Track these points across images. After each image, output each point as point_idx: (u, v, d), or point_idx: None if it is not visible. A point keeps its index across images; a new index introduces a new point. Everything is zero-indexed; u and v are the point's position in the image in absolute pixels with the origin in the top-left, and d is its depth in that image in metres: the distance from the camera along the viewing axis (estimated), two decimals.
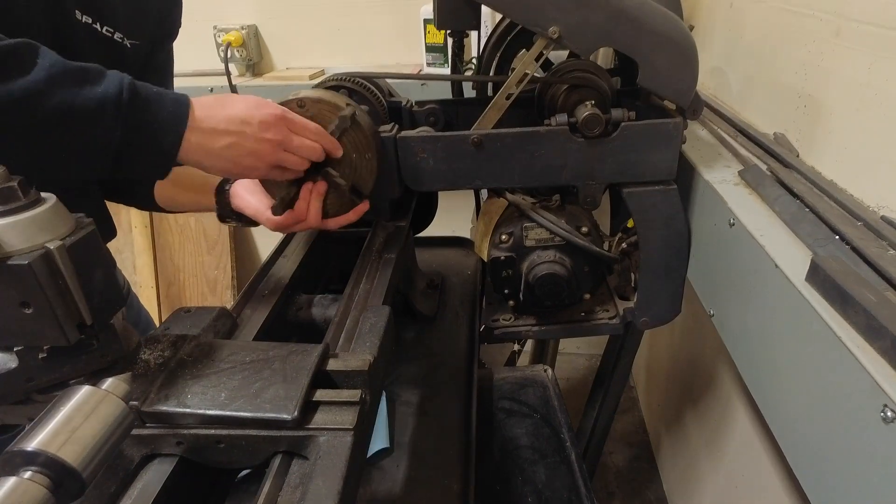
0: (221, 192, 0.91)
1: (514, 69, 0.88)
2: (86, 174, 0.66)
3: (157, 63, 0.94)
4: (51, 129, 0.59)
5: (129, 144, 0.63)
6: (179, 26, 0.96)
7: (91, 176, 0.68)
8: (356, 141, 0.81)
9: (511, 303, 1.08)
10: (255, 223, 0.89)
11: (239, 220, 0.92)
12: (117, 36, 0.81)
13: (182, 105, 0.66)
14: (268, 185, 0.84)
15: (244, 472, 0.59)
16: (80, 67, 0.61)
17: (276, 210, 0.83)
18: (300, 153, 0.74)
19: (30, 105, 0.57)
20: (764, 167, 0.90)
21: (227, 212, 0.92)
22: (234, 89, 1.74)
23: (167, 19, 0.93)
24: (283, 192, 0.82)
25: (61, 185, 0.59)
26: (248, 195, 0.87)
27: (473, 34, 1.20)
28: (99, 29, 0.78)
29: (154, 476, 0.52)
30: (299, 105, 0.79)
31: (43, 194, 0.46)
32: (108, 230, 0.96)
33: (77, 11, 0.75)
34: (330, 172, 0.81)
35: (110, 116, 0.61)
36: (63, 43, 0.72)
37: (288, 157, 0.74)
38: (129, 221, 2.17)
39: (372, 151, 0.82)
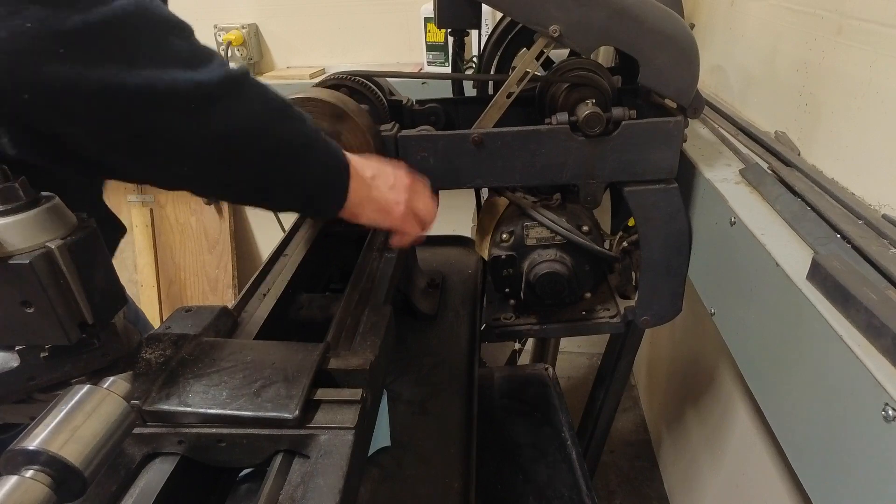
0: None
1: (514, 68, 0.88)
2: (276, 208, 0.68)
3: None
4: (263, 162, 0.59)
5: (322, 180, 0.65)
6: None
7: (277, 210, 0.69)
8: (323, 113, 0.82)
9: (512, 301, 1.08)
10: None
11: None
12: None
13: (339, 149, 0.68)
14: None
15: (245, 471, 0.59)
16: (285, 102, 0.61)
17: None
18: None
19: (253, 136, 0.57)
20: (765, 166, 0.90)
21: None
22: None
23: None
24: None
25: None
26: None
27: (474, 33, 1.20)
28: None
29: (155, 475, 0.52)
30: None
31: (44, 194, 0.46)
32: (118, 228, 0.96)
33: None
34: None
35: (313, 156, 0.63)
36: None
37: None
38: (130, 221, 2.18)
39: (347, 112, 0.83)
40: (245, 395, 0.52)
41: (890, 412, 0.48)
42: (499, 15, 1.11)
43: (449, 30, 1.07)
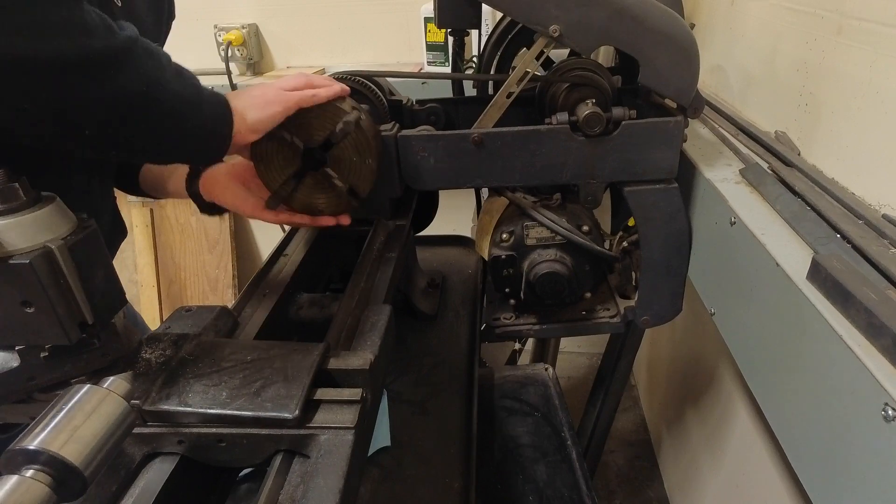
0: (192, 183, 0.90)
1: (514, 68, 0.88)
2: (165, 160, 0.75)
3: (162, 45, 0.97)
4: (158, 120, 0.64)
5: (211, 127, 0.69)
6: (174, 15, 0.99)
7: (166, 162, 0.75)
8: (357, 144, 0.81)
9: (512, 301, 1.08)
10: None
11: (217, 212, 0.92)
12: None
13: (218, 96, 0.71)
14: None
15: (245, 471, 0.59)
16: (169, 60, 0.66)
17: (270, 203, 0.83)
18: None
19: (150, 95, 0.61)
20: (765, 165, 0.90)
21: (202, 203, 0.91)
22: (234, 88, 1.75)
23: (170, 4, 0.96)
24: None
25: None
26: (225, 188, 0.87)
27: (474, 33, 1.20)
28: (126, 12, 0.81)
29: (155, 475, 0.52)
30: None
31: (44, 194, 0.46)
32: (122, 230, 0.97)
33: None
34: (329, 173, 0.82)
35: (201, 107, 0.67)
36: None
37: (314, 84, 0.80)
38: (130, 221, 2.17)
39: (373, 156, 0.82)
40: (245, 395, 0.52)
41: (890, 412, 0.48)
42: (499, 15, 1.11)
43: (449, 30, 1.07)
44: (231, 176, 0.87)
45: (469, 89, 1.26)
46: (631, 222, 1.02)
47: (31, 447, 0.38)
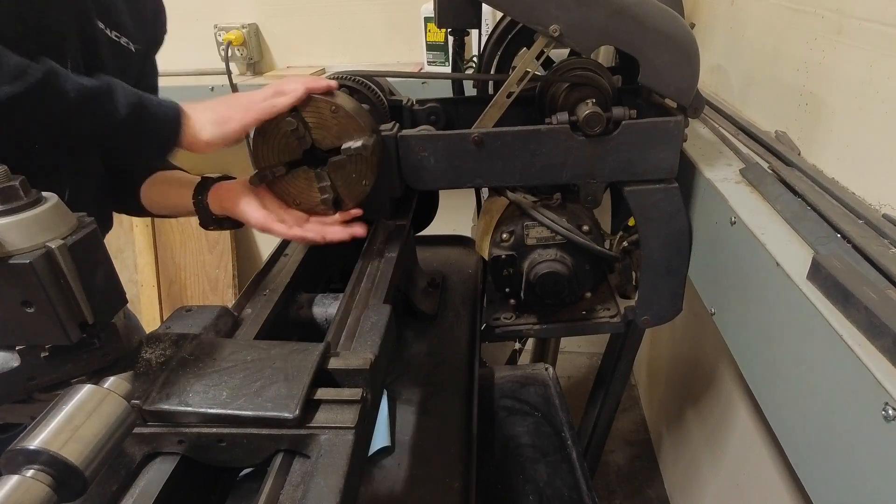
0: (200, 193, 0.90)
1: (514, 67, 0.88)
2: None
3: (151, 64, 1.00)
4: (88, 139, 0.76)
5: (157, 137, 0.78)
6: (166, 31, 1.00)
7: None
8: (362, 166, 0.82)
9: (512, 301, 1.08)
10: (237, 225, 0.90)
11: (220, 226, 0.91)
12: (123, 41, 0.86)
13: (167, 110, 0.78)
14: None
15: (245, 471, 0.59)
16: (91, 89, 0.72)
17: (254, 180, 0.83)
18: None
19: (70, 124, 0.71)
20: (765, 165, 0.90)
21: (207, 216, 0.91)
22: (234, 88, 1.75)
23: (158, 23, 0.98)
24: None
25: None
26: (239, 198, 0.86)
27: (474, 32, 1.20)
28: (112, 36, 0.83)
29: (156, 475, 0.52)
30: (332, 110, 0.79)
31: (44, 194, 0.46)
32: (107, 222, 0.98)
33: (99, 22, 0.80)
34: (322, 176, 0.82)
35: (140, 124, 0.75)
36: (90, 51, 0.80)
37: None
38: (131, 220, 2.17)
39: (370, 179, 0.84)
40: (245, 394, 0.52)
41: (890, 412, 0.48)
42: (499, 14, 1.11)
43: (449, 29, 1.07)
44: (246, 186, 0.86)
45: (469, 89, 1.26)
46: (631, 222, 1.02)
47: (32, 447, 0.38)
